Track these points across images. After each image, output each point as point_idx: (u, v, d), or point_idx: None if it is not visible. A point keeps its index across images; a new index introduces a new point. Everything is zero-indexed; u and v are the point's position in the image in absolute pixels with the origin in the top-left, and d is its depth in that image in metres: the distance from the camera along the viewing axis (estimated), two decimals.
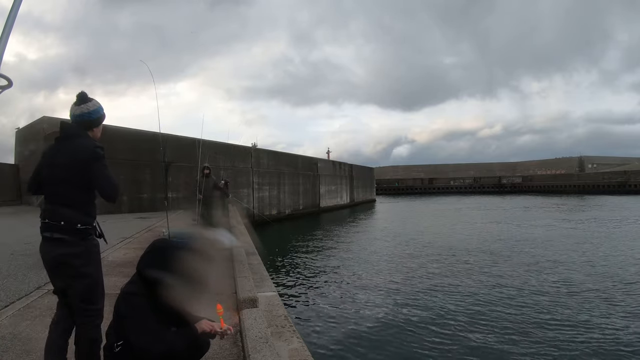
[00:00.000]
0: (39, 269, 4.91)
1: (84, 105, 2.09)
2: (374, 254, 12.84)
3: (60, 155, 1.99)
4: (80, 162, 1.95)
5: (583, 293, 7.80)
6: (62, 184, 1.96)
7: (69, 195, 1.96)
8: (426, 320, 6.54)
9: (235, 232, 8.26)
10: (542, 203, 37.66)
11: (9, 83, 2.03)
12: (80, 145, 1.99)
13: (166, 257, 1.59)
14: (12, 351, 2.55)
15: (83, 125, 2.09)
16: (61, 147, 2.01)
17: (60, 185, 1.96)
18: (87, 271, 1.95)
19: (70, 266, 1.92)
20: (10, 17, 2.00)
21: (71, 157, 1.96)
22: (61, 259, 1.92)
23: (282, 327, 2.94)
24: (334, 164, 35.98)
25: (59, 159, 1.99)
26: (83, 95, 2.10)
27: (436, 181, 79.86)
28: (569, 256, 11.54)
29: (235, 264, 4.48)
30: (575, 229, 17.70)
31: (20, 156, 19.72)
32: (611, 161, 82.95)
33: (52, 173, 1.99)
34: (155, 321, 1.53)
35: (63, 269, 1.94)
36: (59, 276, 1.98)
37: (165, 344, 1.51)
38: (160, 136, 7.82)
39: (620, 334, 5.74)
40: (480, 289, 8.28)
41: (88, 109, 2.09)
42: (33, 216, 8.23)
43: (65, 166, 1.96)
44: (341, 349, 5.52)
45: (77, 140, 2.02)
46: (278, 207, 23.89)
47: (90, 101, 2.11)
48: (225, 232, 2.02)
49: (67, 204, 1.95)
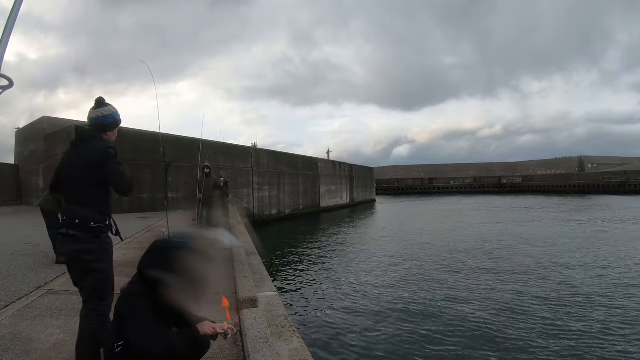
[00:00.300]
0: (39, 269, 4.92)
1: (99, 109, 2.25)
2: (374, 254, 12.84)
3: (77, 157, 2.15)
4: (95, 162, 2.09)
5: (583, 293, 7.80)
6: (78, 183, 2.10)
7: (84, 195, 2.09)
8: (426, 320, 6.54)
9: (235, 232, 8.26)
10: (542, 203, 37.64)
11: (10, 83, 2.03)
12: (94, 147, 2.14)
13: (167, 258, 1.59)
14: (12, 351, 2.56)
15: (98, 128, 2.24)
16: (77, 149, 2.17)
17: (77, 185, 2.11)
18: (98, 267, 2.07)
19: (83, 261, 2.05)
20: (11, 18, 2.00)
21: (86, 158, 2.11)
22: (75, 255, 2.06)
23: (282, 327, 2.95)
24: (334, 164, 35.98)
25: (75, 160, 2.14)
26: (100, 100, 2.26)
27: (436, 181, 79.85)
28: (570, 257, 11.53)
29: (235, 264, 4.48)
30: (576, 229, 17.70)
31: (20, 156, 19.73)
32: (611, 161, 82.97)
33: (70, 173, 2.14)
34: (156, 321, 1.53)
35: (76, 264, 2.08)
36: (73, 270, 2.12)
37: (166, 344, 1.51)
38: (160, 136, 7.82)
39: (620, 335, 5.74)
40: (481, 291, 8.28)
41: (103, 114, 2.25)
42: (33, 216, 8.25)
43: (81, 166, 2.10)
44: (341, 348, 5.52)
45: (91, 142, 2.17)
46: (278, 207, 23.90)
47: (106, 106, 2.27)
48: (225, 232, 2.02)
49: (82, 203, 2.08)
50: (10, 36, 2.00)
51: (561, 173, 73.72)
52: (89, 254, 2.05)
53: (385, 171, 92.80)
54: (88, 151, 2.13)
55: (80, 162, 2.11)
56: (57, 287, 4.12)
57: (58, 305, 3.53)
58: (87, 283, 2.08)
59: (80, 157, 2.13)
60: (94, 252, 2.07)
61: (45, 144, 16.32)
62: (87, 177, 2.09)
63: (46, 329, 2.94)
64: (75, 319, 3.16)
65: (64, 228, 2.07)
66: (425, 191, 72.93)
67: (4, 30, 1.97)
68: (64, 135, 14.48)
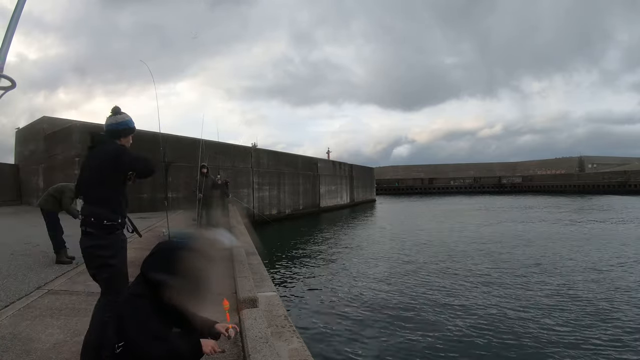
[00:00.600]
0: (39, 269, 4.92)
1: (114, 117, 2.47)
2: (374, 254, 12.84)
3: (92, 160, 2.38)
4: (108, 161, 2.28)
5: (583, 294, 7.80)
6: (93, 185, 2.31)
7: (98, 195, 2.29)
8: (427, 320, 6.54)
9: (235, 232, 8.26)
10: (542, 203, 37.63)
11: (12, 84, 2.03)
12: (107, 149, 2.34)
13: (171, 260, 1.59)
14: (12, 351, 2.56)
15: (111, 134, 2.44)
16: (92, 153, 2.41)
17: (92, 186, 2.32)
18: (112, 262, 2.25)
19: (98, 257, 2.24)
20: (14, 19, 2.00)
21: (100, 159, 2.31)
22: (90, 250, 2.25)
23: (282, 327, 2.95)
24: (334, 164, 35.98)
25: (90, 162, 2.38)
26: (116, 109, 2.50)
27: (436, 181, 79.80)
28: (570, 257, 11.53)
29: (235, 264, 4.48)
30: (576, 229, 17.70)
31: (20, 156, 19.72)
32: (611, 161, 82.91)
33: (86, 175, 2.37)
34: (157, 323, 1.53)
35: (92, 258, 2.27)
36: (89, 265, 2.31)
37: (167, 345, 1.52)
38: (161, 136, 7.82)
39: (620, 335, 5.74)
40: (482, 292, 8.28)
41: (117, 121, 2.46)
42: (33, 216, 8.26)
43: (96, 168, 2.32)
44: (341, 348, 5.52)
45: (104, 146, 2.39)
46: (278, 207, 23.89)
47: (120, 114, 2.49)
48: (225, 232, 2.02)
49: (96, 203, 2.28)
50: (13, 37, 2.00)
51: (561, 173, 73.70)
52: (104, 250, 2.23)
53: (385, 171, 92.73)
54: (101, 153, 2.33)
55: (94, 164, 2.33)
56: (57, 287, 4.13)
57: (58, 305, 3.53)
58: (102, 277, 2.26)
59: (95, 160, 2.34)
60: (108, 248, 2.25)
61: (45, 144, 16.31)
62: (101, 178, 2.29)
63: (46, 329, 2.95)
64: (75, 319, 3.17)
65: (83, 226, 2.28)
66: (425, 191, 72.87)
67: (6, 32, 1.98)
68: (64, 135, 14.50)
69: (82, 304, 3.55)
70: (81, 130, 13.81)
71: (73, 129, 14.04)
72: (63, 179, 14.35)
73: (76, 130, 13.81)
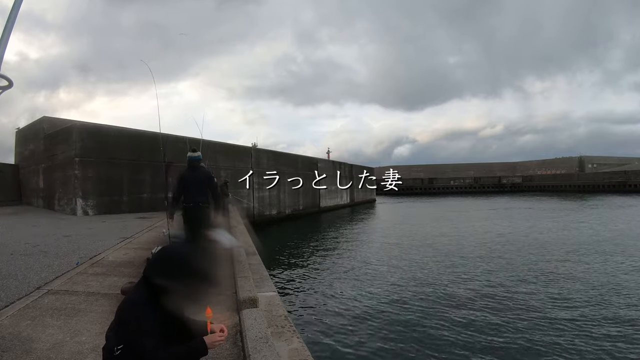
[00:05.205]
0: (39, 269, 4.92)
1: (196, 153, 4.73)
2: (374, 254, 12.84)
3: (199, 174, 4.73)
4: (209, 177, 4.83)
5: (584, 294, 7.80)
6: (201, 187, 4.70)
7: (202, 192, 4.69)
8: (427, 320, 6.54)
9: (235, 232, 8.25)
10: (542, 203, 37.63)
11: (9, 84, 2.03)
12: (206, 170, 4.99)
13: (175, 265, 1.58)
14: (12, 351, 2.55)
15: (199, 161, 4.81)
16: (197, 171, 4.73)
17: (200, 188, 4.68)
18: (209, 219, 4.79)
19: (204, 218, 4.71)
20: (11, 18, 2.00)
21: (205, 175, 4.80)
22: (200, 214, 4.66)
23: (282, 327, 2.94)
24: (334, 164, 35.97)
25: (198, 175, 4.72)
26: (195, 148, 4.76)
27: (436, 181, 79.71)
28: (570, 257, 11.53)
29: (235, 264, 4.47)
30: (576, 229, 17.69)
31: (20, 156, 19.71)
32: (611, 161, 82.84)
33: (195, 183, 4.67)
34: (158, 327, 1.53)
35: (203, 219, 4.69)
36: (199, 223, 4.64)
37: (167, 350, 1.51)
38: (161, 136, 7.81)
39: (621, 336, 5.74)
40: (482, 292, 8.28)
41: (199, 155, 4.78)
42: (33, 216, 8.28)
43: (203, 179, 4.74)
44: (341, 348, 5.53)
45: (202, 168, 4.92)
46: (278, 207, 23.88)
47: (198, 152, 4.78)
48: (225, 233, 2.02)
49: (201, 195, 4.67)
50: (10, 37, 2.00)
51: (561, 173, 73.67)
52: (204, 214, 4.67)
53: (385, 171, 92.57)
54: (205, 172, 4.85)
55: (202, 177, 4.73)
56: (57, 287, 4.12)
57: (58, 305, 3.52)
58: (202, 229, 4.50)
59: (202, 175, 4.76)
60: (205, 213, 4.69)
61: (45, 144, 16.31)
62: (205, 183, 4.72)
63: (46, 329, 2.94)
64: (75, 319, 3.17)
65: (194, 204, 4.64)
66: (425, 191, 72.82)
67: (3, 31, 1.97)
68: (64, 135, 14.48)
69: (82, 304, 3.55)
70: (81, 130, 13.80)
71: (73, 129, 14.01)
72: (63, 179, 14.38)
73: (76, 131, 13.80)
